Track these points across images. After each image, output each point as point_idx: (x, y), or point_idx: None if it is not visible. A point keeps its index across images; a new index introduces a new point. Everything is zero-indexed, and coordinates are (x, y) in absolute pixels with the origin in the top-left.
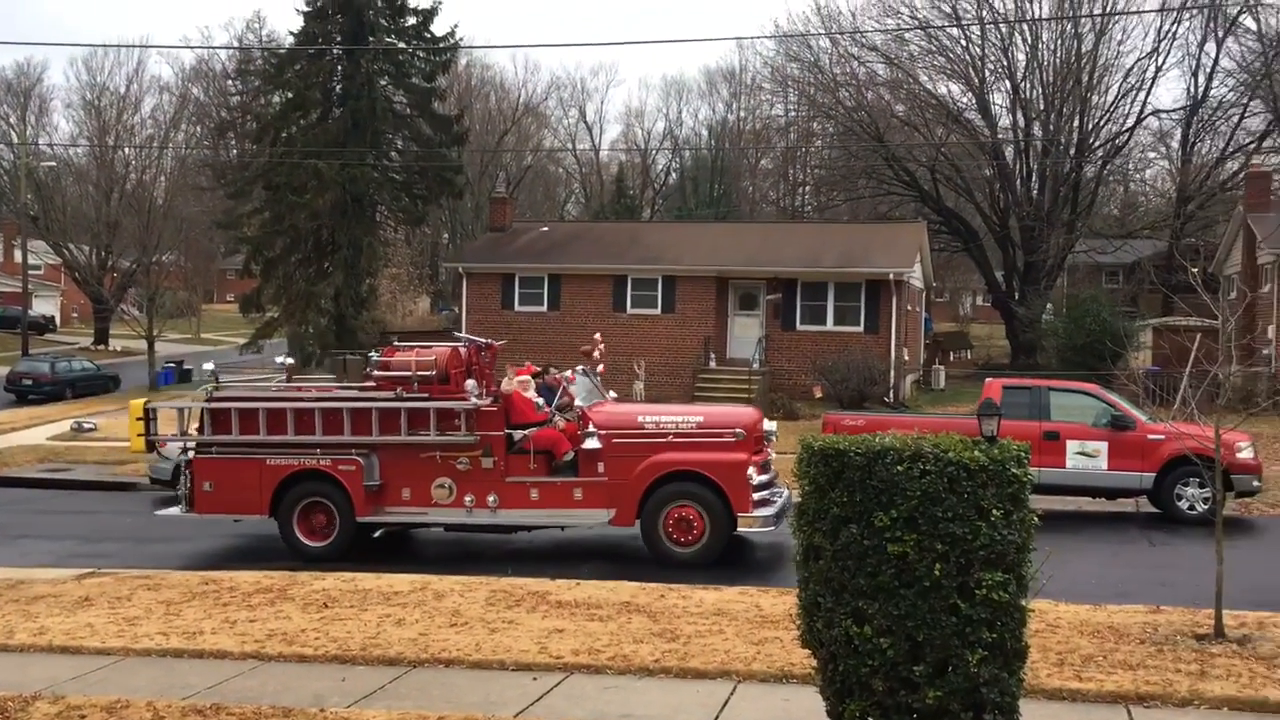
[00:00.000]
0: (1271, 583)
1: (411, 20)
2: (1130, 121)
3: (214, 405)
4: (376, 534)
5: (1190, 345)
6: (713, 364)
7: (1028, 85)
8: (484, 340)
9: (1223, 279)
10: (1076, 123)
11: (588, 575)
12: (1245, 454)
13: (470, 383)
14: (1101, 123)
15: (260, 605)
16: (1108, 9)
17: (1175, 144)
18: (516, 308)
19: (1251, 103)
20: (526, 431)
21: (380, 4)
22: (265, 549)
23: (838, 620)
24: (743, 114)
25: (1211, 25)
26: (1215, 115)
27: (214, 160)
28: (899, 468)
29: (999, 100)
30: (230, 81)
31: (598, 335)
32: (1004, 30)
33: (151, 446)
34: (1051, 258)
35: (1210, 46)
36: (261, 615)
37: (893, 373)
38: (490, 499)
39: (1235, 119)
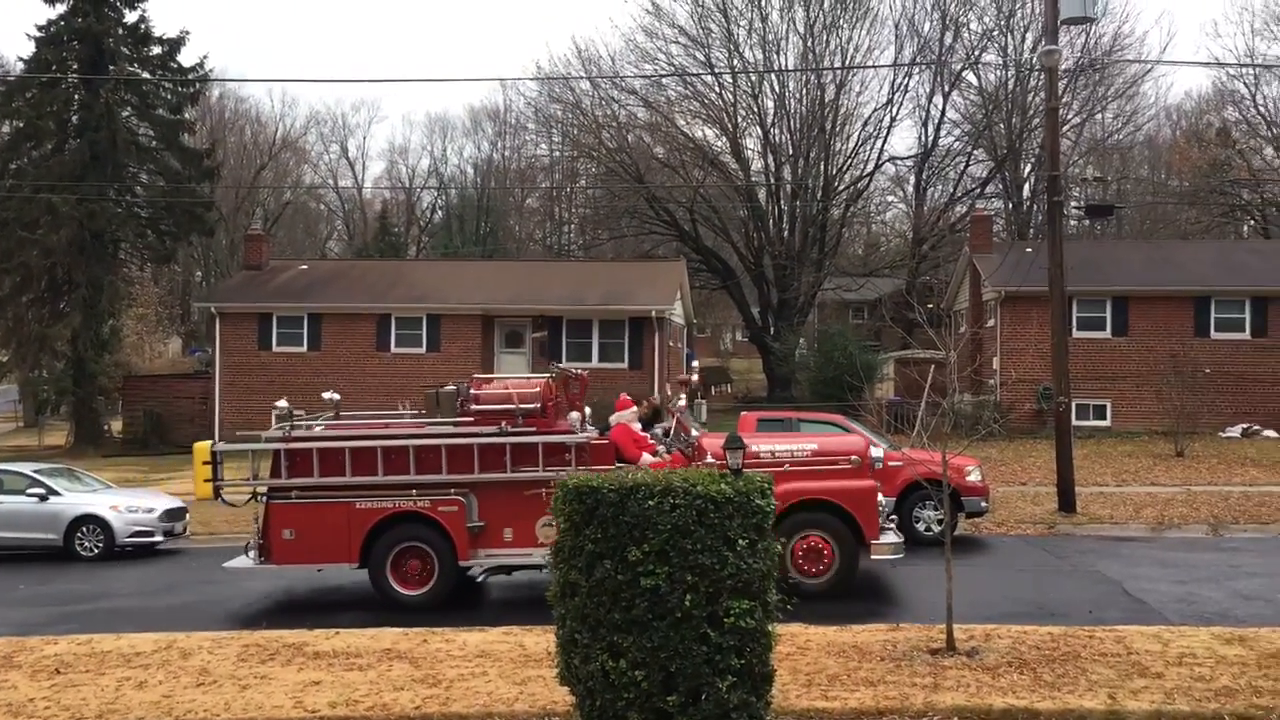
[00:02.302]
0: (997, 597)
1: (156, 50)
2: (870, 167)
3: (293, 445)
4: (480, 578)
5: (924, 377)
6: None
7: (777, 131)
8: (575, 370)
9: (954, 314)
10: (822, 167)
11: (349, 624)
12: (973, 477)
13: (574, 415)
14: (844, 168)
15: None
16: (846, 62)
17: (910, 188)
18: (274, 348)
19: (975, 151)
20: (639, 464)
21: (121, 32)
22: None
23: (594, 655)
24: (508, 152)
25: (938, 80)
26: (944, 162)
27: None
28: (650, 503)
29: (751, 145)
30: None
31: (696, 363)
32: (754, 79)
33: (218, 492)
34: (803, 295)
35: (938, 100)
36: None
37: None
38: None
39: (962, 166)
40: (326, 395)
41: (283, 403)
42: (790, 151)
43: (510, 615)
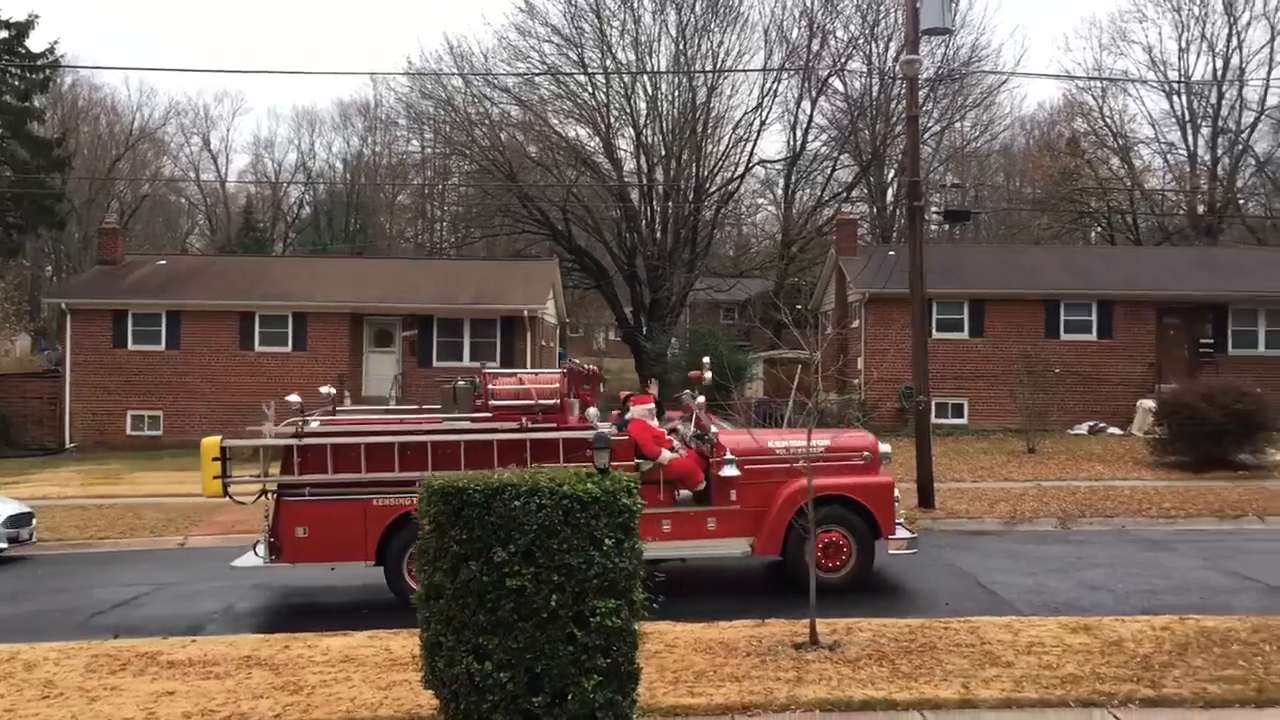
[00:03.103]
0: (859, 591)
1: (2, 34)
2: (741, 169)
3: (307, 441)
4: None
5: (791, 377)
6: (348, 402)
7: (650, 132)
8: (587, 367)
9: (820, 315)
10: (694, 169)
11: (213, 631)
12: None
13: (592, 411)
14: (716, 169)
15: None
16: (718, 65)
17: (780, 191)
18: (130, 346)
19: (842, 156)
20: (658, 461)
21: None
22: None
23: (459, 658)
24: (378, 148)
25: (806, 86)
26: (812, 166)
27: None
28: (516, 503)
29: (624, 145)
30: None
31: (706, 359)
32: (627, 80)
33: (227, 490)
34: (675, 295)
35: (806, 105)
36: None
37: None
38: None
39: (829, 170)
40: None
41: (294, 398)
42: (663, 152)
43: (390, 618)
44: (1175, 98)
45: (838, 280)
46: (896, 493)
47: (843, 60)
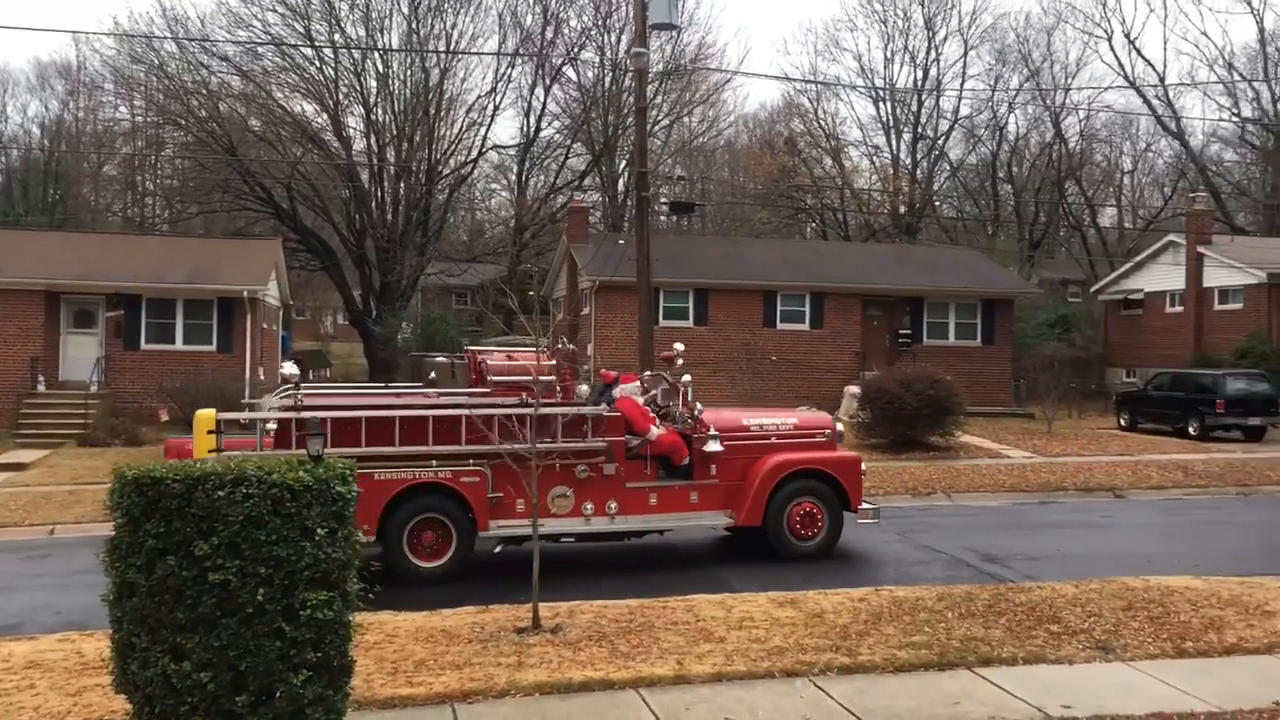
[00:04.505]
0: (583, 576)
1: None
2: (474, 153)
3: (306, 415)
4: (498, 549)
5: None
6: (42, 387)
7: (381, 111)
8: (570, 346)
9: (553, 301)
10: (427, 151)
11: None
12: None
13: (583, 387)
14: (449, 152)
15: None
16: (451, 47)
17: (513, 177)
18: None
19: (575, 145)
20: (647, 436)
21: None
22: None
23: (155, 659)
24: (82, 114)
25: (540, 73)
26: (545, 153)
27: None
28: (220, 493)
29: (354, 123)
30: None
31: (680, 346)
32: (357, 56)
33: None
34: (406, 278)
35: (540, 92)
36: None
37: (248, 392)
38: (610, 506)
39: (562, 158)
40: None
41: (291, 368)
42: (394, 132)
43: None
44: (881, 104)
45: (569, 267)
46: (863, 466)
47: (576, 49)
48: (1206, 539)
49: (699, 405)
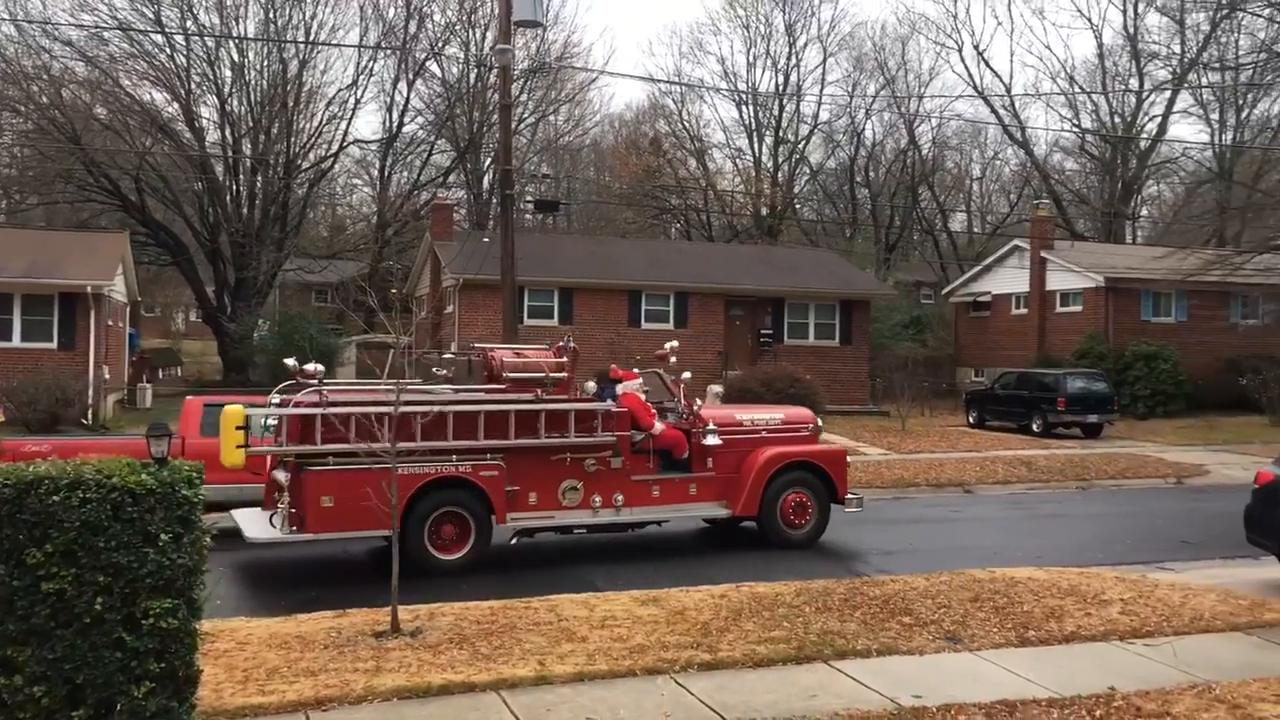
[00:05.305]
0: (450, 578)
1: None
2: (335, 147)
3: (330, 410)
4: (514, 540)
5: (382, 362)
6: None
7: (236, 101)
8: (572, 344)
9: (417, 299)
10: (285, 144)
11: None
12: None
13: (590, 384)
14: (309, 146)
15: None
16: (311, 38)
17: (375, 172)
18: None
19: (439, 141)
20: (651, 431)
21: None
22: None
23: None
24: None
25: (403, 67)
26: (409, 149)
27: None
28: (55, 497)
29: (208, 114)
30: None
31: (673, 344)
32: (210, 44)
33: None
34: (263, 275)
35: (403, 86)
36: None
37: (92, 392)
38: (616, 498)
39: (426, 154)
40: (301, 364)
41: (313, 365)
42: (251, 124)
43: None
44: (744, 107)
45: (433, 265)
46: (848, 459)
47: (440, 44)
48: (1048, 531)
49: (698, 401)
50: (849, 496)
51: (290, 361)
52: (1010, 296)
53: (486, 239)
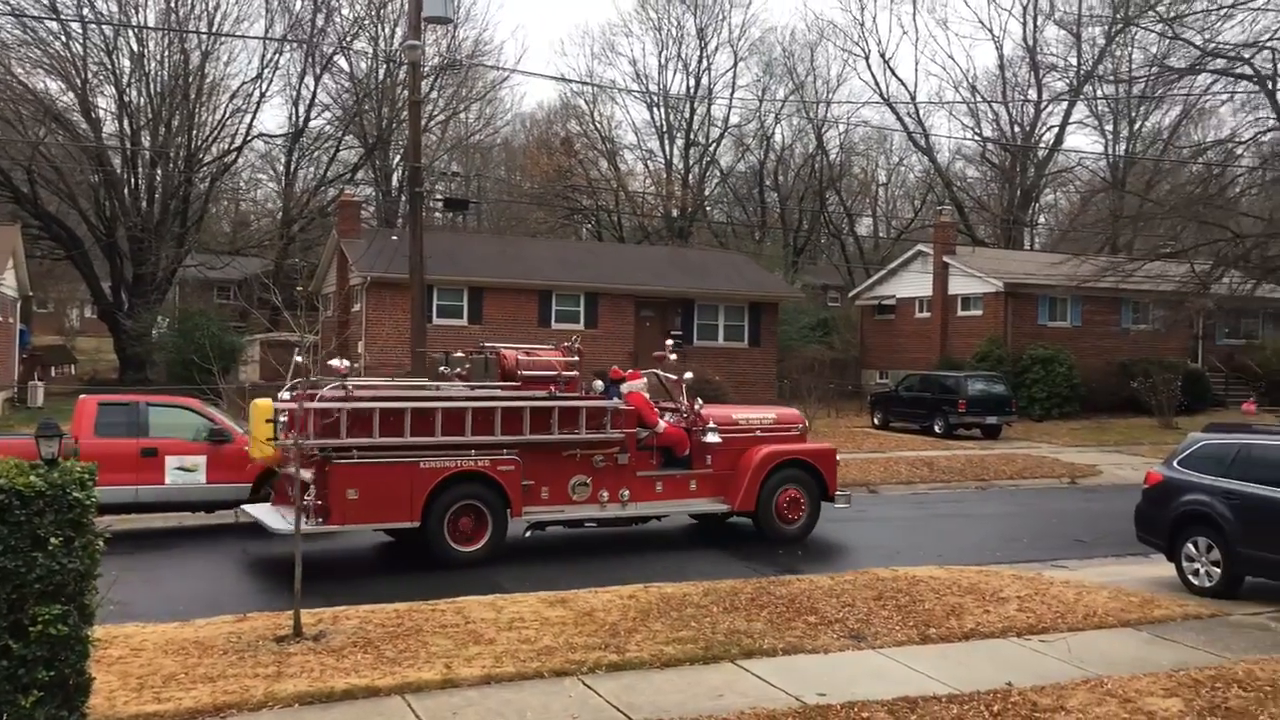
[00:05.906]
0: (360, 577)
1: None
2: (239, 141)
3: (355, 405)
4: (527, 533)
5: (285, 361)
6: None
7: (135, 92)
8: (578, 345)
9: (323, 297)
10: (186, 137)
11: None
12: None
13: (598, 383)
14: (211, 139)
15: None
16: (213, 28)
17: (281, 168)
18: None
19: (347, 137)
20: (656, 429)
21: None
22: None
23: None
24: None
25: (310, 61)
26: (315, 145)
27: None
28: None
29: (105, 104)
30: None
31: (670, 342)
32: (109, 33)
33: None
34: (162, 270)
35: (310, 81)
36: None
37: None
38: (623, 493)
39: (333, 150)
40: (338, 362)
41: (338, 362)
42: (150, 116)
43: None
44: (655, 109)
45: (340, 263)
46: (838, 457)
47: (348, 39)
48: (949, 530)
49: (699, 400)
50: (838, 493)
51: (335, 362)
52: (914, 300)
53: (395, 237)
